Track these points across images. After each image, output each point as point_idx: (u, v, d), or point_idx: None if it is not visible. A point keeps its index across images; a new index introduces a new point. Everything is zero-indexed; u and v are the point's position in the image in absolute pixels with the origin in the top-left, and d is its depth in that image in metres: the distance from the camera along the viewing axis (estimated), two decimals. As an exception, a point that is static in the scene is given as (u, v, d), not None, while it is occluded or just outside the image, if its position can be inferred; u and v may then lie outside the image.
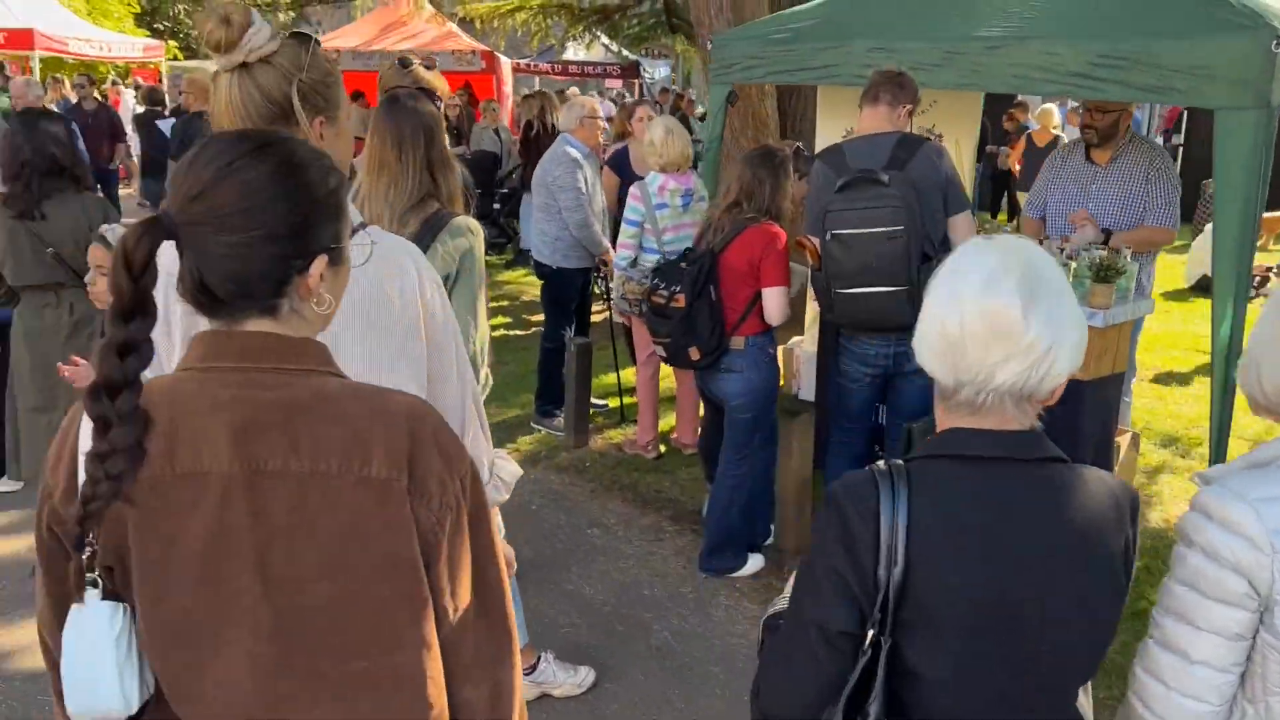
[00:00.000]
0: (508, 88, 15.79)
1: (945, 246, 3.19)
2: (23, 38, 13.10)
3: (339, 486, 1.01)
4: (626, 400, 5.29)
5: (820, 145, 4.69)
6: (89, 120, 9.63)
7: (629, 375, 5.68)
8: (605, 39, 16.23)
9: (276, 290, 1.04)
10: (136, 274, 0.97)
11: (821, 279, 3.12)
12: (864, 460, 3.46)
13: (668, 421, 4.97)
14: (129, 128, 11.87)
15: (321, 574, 1.01)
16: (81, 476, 1.00)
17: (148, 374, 1.02)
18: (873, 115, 3.21)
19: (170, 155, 8.65)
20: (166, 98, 12.37)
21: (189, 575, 1.00)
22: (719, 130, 4.70)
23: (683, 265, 3.39)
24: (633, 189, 4.38)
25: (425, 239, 2.33)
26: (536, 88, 20.04)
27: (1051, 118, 8.65)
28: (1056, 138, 8.34)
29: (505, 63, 14.71)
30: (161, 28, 23.12)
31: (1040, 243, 4.06)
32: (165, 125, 9.85)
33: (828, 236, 3.03)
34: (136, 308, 0.98)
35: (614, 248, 4.98)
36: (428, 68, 3.06)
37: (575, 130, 4.90)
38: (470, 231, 2.38)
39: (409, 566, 1.04)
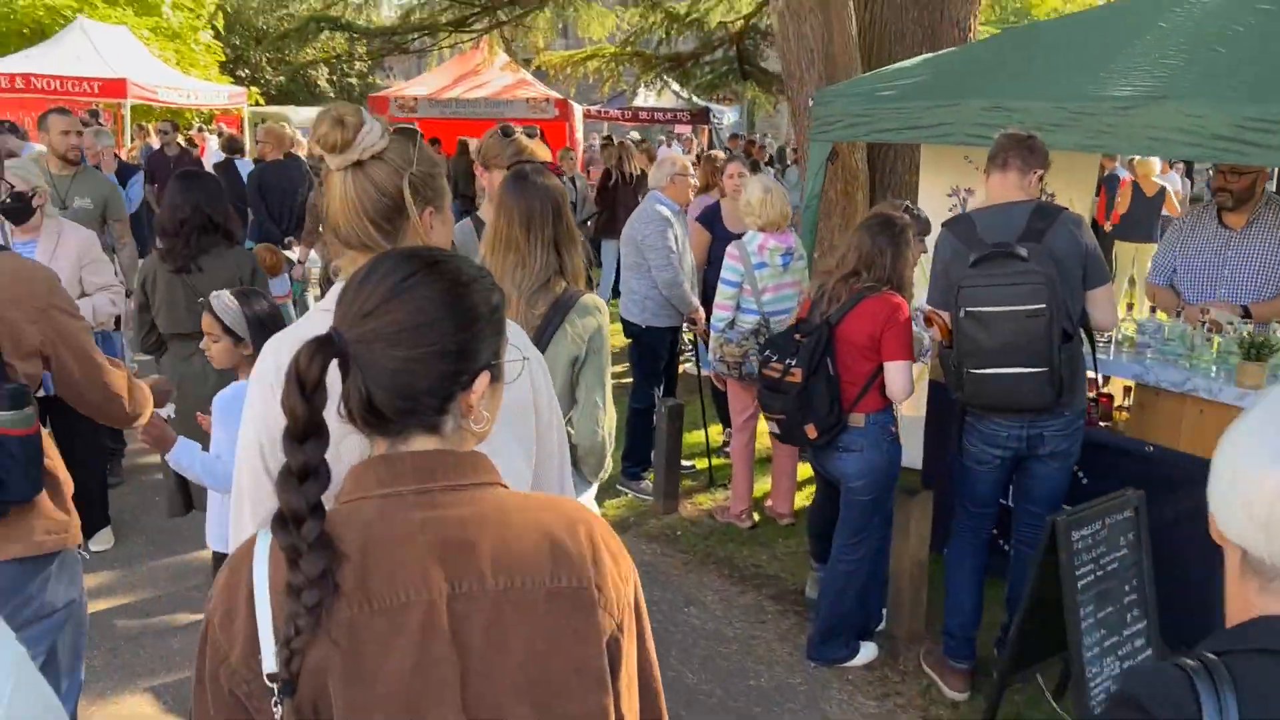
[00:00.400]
0: (579, 134, 15.96)
1: (1083, 322, 3.00)
2: (116, 87, 13.60)
3: (533, 600, 1.00)
4: (715, 462, 5.13)
5: (922, 204, 4.52)
6: (171, 166, 9.89)
7: (716, 433, 5.52)
8: (675, 86, 16.29)
9: (441, 407, 1.03)
10: (309, 394, 0.95)
11: (952, 357, 2.93)
12: (989, 547, 3.25)
13: (761, 487, 4.79)
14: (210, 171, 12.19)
15: (519, 696, 0.98)
16: (266, 622, 0.95)
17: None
18: (1002, 182, 3.03)
19: (248, 200, 8.84)
20: (247, 143, 12.72)
21: (392, 716, 0.94)
22: (818, 189, 4.57)
23: (797, 337, 3.23)
24: (730, 248, 4.25)
25: (554, 320, 2.23)
26: (605, 132, 20.28)
27: (1153, 167, 8.31)
28: (1163, 188, 8.02)
29: (576, 109, 14.87)
30: (243, 75, 23.92)
31: (1178, 313, 3.84)
32: (243, 167, 10.08)
33: (961, 313, 2.85)
34: (310, 430, 0.96)
35: (701, 303, 4.87)
36: (529, 136, 2.98)
37: (666, 188, 4.80)
38: (598, 310, 2.27)
39: (598, 677, 1.02)
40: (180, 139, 11.68)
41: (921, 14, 6.28)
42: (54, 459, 2.24)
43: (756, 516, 4.56)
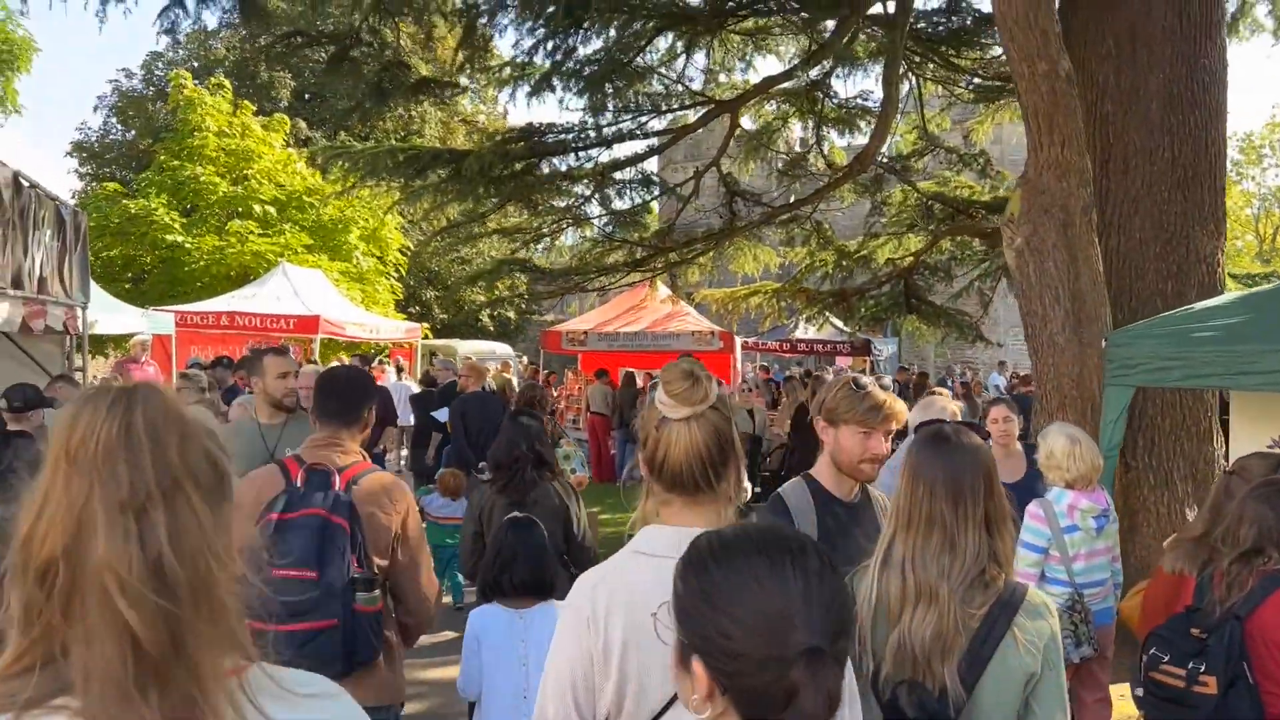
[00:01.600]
0: (738, 365, 15.98)
1: None
2: (310, 323, 14.57)
3: None
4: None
5: (1234, 452, 3.91)
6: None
7: None
8: (836, 320, 16.30)
9: None
10: None
11: None
12: None
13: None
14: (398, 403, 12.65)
15: None
16: None
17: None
18: None
19: (443, 429, 9.08)
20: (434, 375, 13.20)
21: None
22: (1119, 438, 4.03)
23: (1194, 633, 2.60)
24: (1033, 507, 3.70)
25: (999, 624, 1.74)
26: (757, 363, 20.36)
27: None
28: None
29: (736, 341, 14.97)
30: (414, 311, 25.61)
31: None
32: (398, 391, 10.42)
33: None
34: None
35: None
36: (883, 387, 2.61)
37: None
38: (1049, 611, 1.77)
39: None
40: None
41: (1164, 249, 5.91)
42: (391, 631, 2.65)
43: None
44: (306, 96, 28.59)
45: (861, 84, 55.33)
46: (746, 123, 13.21)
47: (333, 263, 19.04)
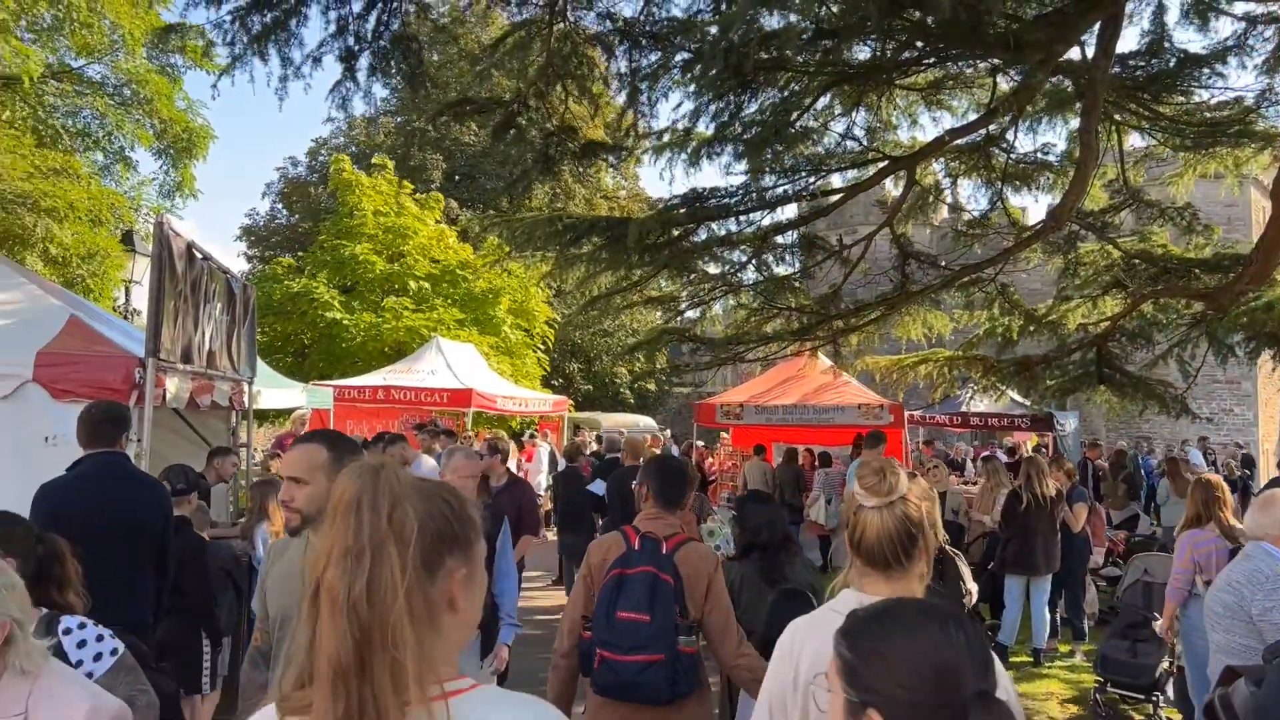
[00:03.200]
0: (906, 438, 14.85)
1: None
2: (463, 397, 14.45)
3: None
4: None
5: None
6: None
7: None
8: (1014, 393, 14.96)
9: None
10: None
11: None
12: None
13: None
14: (543, 479, 12.19)
15: None
16: None
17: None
18: None
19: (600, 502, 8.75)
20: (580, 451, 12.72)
21: None
22: None
23: None
24: None
25: None
26: (921, 437, 19.03)
27: None
28: None
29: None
30: (557, 383, 25.56)
31: None
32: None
33: None
34: None
35: None
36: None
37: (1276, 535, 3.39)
38: None
39: None
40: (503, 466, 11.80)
41: None
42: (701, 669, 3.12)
43: None
44: (457, 178, 29.56)
45: (1043, 137, 53.22)
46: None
47: (483, 336, 19.13)
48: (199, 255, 5.64)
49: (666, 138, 10.55)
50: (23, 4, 10.52)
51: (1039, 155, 11.62)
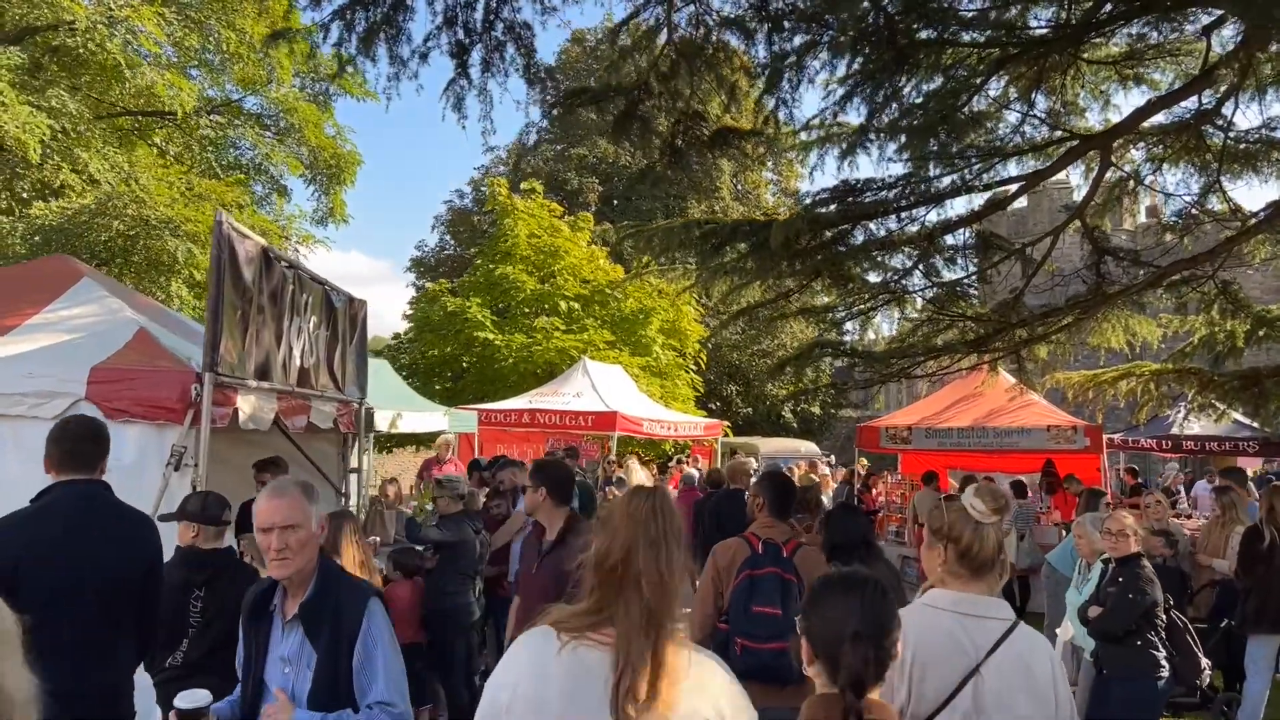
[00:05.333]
0: (1105, 465, 12.99)
1: None
2: (608, 420, 13.83)
3: None
4: None
5: None
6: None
7: None
8: (1238, 413, 12.80)
9: None
10: None
11: None
12: None
13: None
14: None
15: None
16: None
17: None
18: None
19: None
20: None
21: None
22: None
23: None
24: None
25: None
26: (1122, 464, 16.80)
27: None
28: None
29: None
30: (714, 406, 24.65)
31: None
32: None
33: None
34: None
35: None
36: None
37: None
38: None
39: None
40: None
41: None
42: None
43: None
44: (615, 202, 29.40)
45: (1272, 110, 47.68)
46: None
47: (634, 357, 18.54)
48: (280, 262, 5.15)
49: (815, 133, 9.53)
50: (174, 37, 10.87)
51: (1265, 132, 9.71)
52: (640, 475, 12.98)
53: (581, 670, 1.68)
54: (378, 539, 6.86)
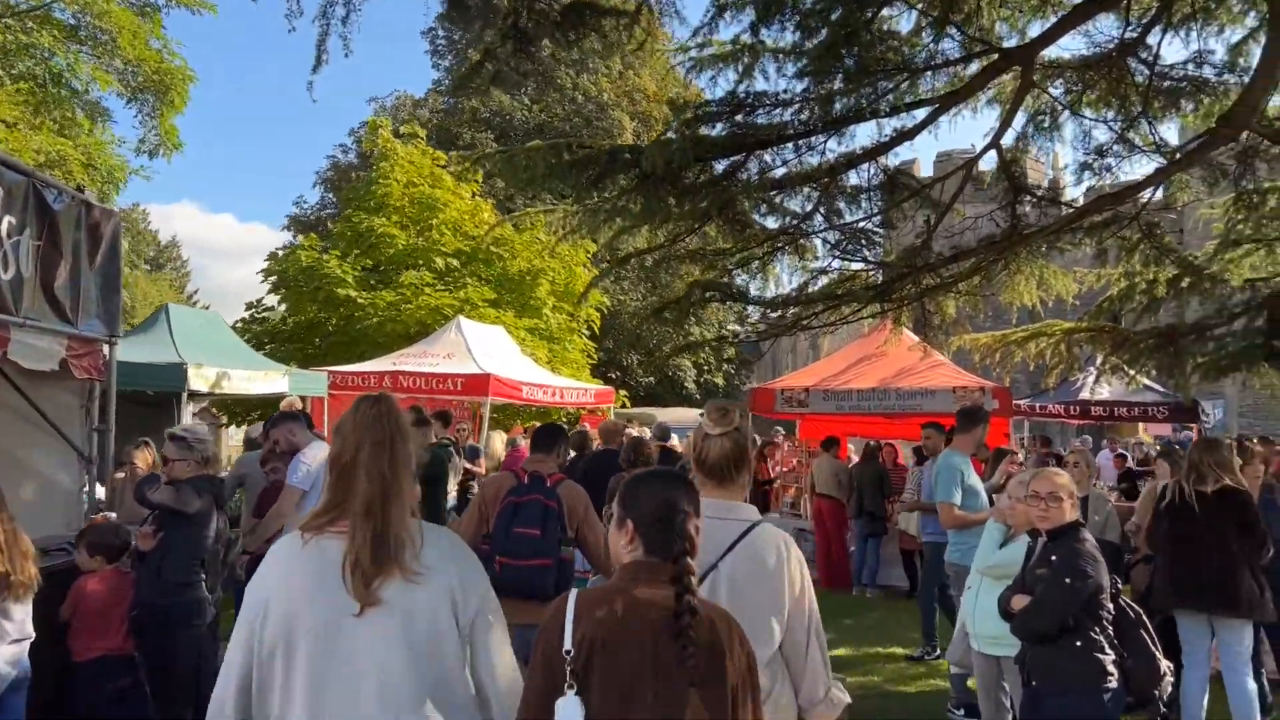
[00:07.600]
0: (1012, 432, 12.18)
1: None
2: (479, 383, 12.39)
3: None
4: None
5: None
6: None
7: None
8: (1148, 379, 12.11)
9: None
10: None
11: None
12: None
13: None
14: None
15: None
16: None
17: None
18: None
19: None
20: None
21: None
22: None
23: None
24: None
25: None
26: (1027, 434, 16.17)
27: None
28: None
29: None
30: (614, 376, 23.38)
31: None
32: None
33: None
34: None
35: None
36: None
37: None
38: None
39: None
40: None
41: None
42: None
43: None
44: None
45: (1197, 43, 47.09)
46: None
47: (520, 319, 17.05)
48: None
49: (708, 49, 8.19)
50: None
51: (1189, 69, 8.76)
52: (499, 446, 11.63)
53: (323, 559, 1.95)
54: (114, 515, 5.31)
